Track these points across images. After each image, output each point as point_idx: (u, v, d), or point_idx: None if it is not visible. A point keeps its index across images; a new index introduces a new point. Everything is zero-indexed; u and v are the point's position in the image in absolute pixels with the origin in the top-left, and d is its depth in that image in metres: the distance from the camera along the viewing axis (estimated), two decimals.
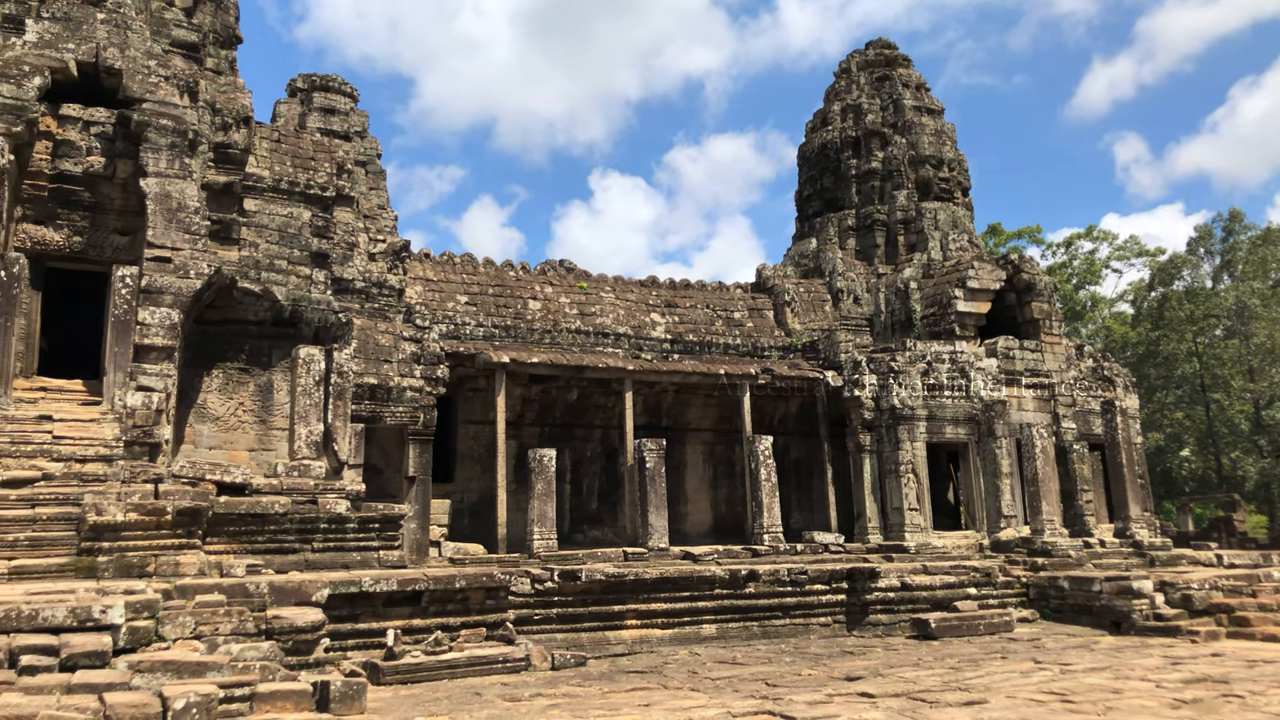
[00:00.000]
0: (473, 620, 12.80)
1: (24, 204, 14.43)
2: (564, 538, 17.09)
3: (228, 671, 8.26)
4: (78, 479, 11.61)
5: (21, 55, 14.42)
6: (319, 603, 11.07)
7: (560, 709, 9.78)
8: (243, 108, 16.67)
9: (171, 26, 16.60)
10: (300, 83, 23.08)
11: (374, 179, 22.86)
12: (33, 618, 8.21)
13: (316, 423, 14.47)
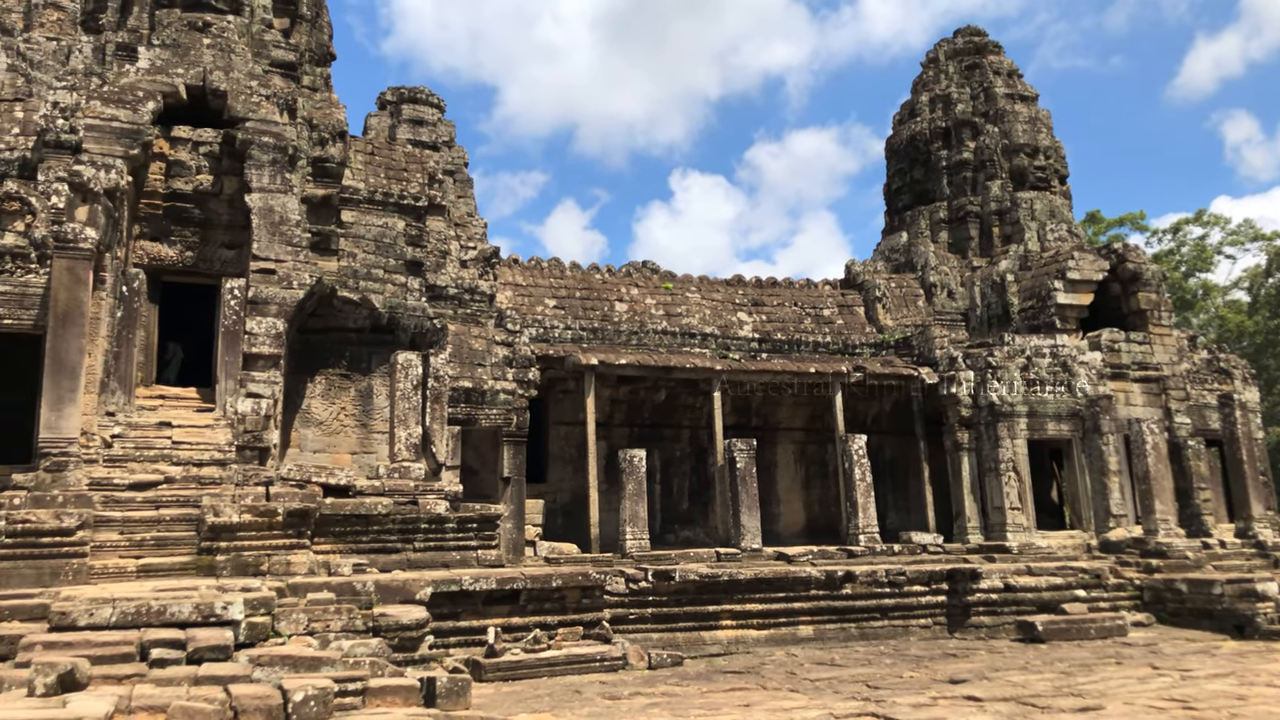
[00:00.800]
0: (570, 619, 12.96)
1: (141, 222, 15.20)
2: (655, 538, 17.13)
3: (340, 667, 8.55)
4: (196, 482, 12.17)
5: (136, 82, 15.19)
6: (422, 601, 11.35)
7: (660, 708, 9.83)
8: (338, 122, 17.23)
9: (271, 47, 17.28)
10: (389, 95, 23.75)
11: (462, 187, 23.37)
12: (161, 613, 8.65)
13: (415, 426, 14.84)
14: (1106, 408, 18.55)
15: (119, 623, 8.52)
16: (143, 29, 16.94)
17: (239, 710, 6.98)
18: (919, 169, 24.35)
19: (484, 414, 15.80)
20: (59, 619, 8.37)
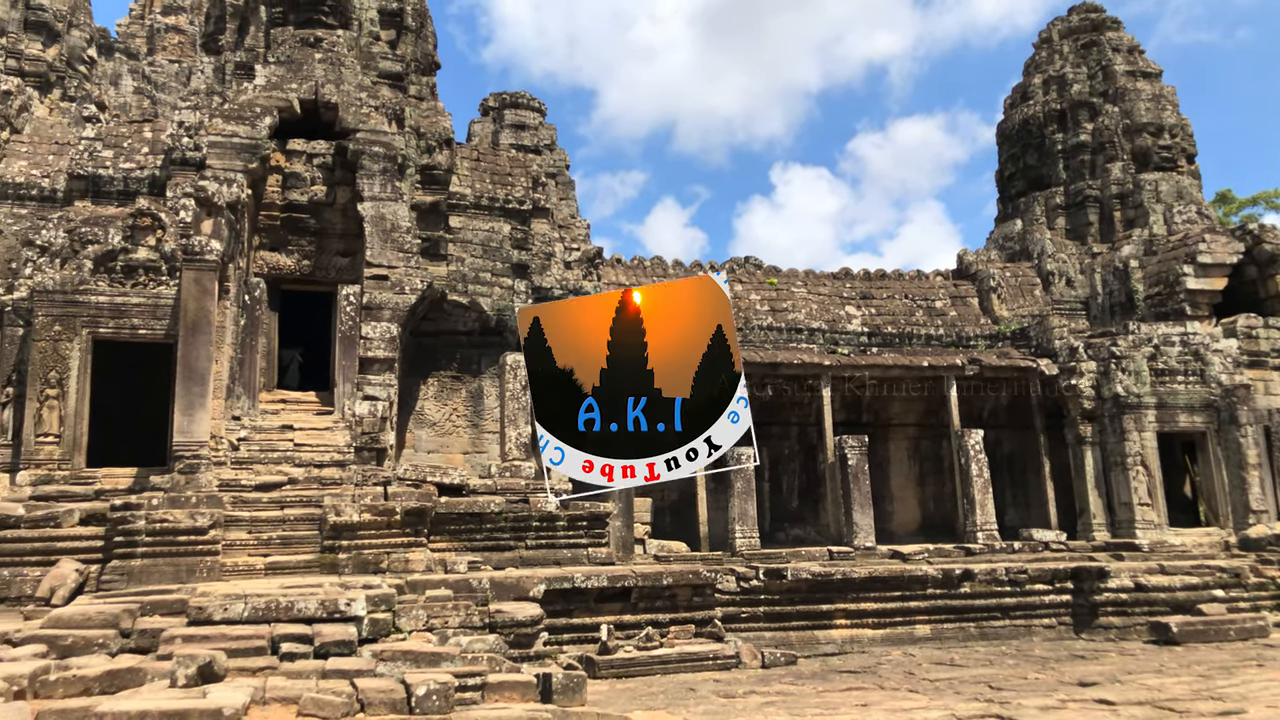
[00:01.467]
0: (681, 617, 12.90)
1: (260, 233, 15.83)
2: (765, 536, 16.91)
3: (459, 662, 8.68)
4: (317, 482, 12.60)
5: (253, 98, 15.82)
6: (535, 598, 11.47)
7: (776, 706, 9.68)
8: (444, 130, 17.60)
9: (378, 59, 17.78)
10: (492, 101, 24.19)
11: (564, 189, 23.62)
12: (289, 609, 8.96)
13: (525, 425, 15.01)
14: (1244, 398, 17.43)
15: (250, 618, 8.86)
16: (259, 47, 17.65)
17: (365, 703, 7.15)
18: (1033, 154, 23.39)
19: None
20: (196, 614, 8.75)
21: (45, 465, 12.47)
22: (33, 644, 8.15)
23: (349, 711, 7.04)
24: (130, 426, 14.35)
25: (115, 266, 13.55)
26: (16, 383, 13.00)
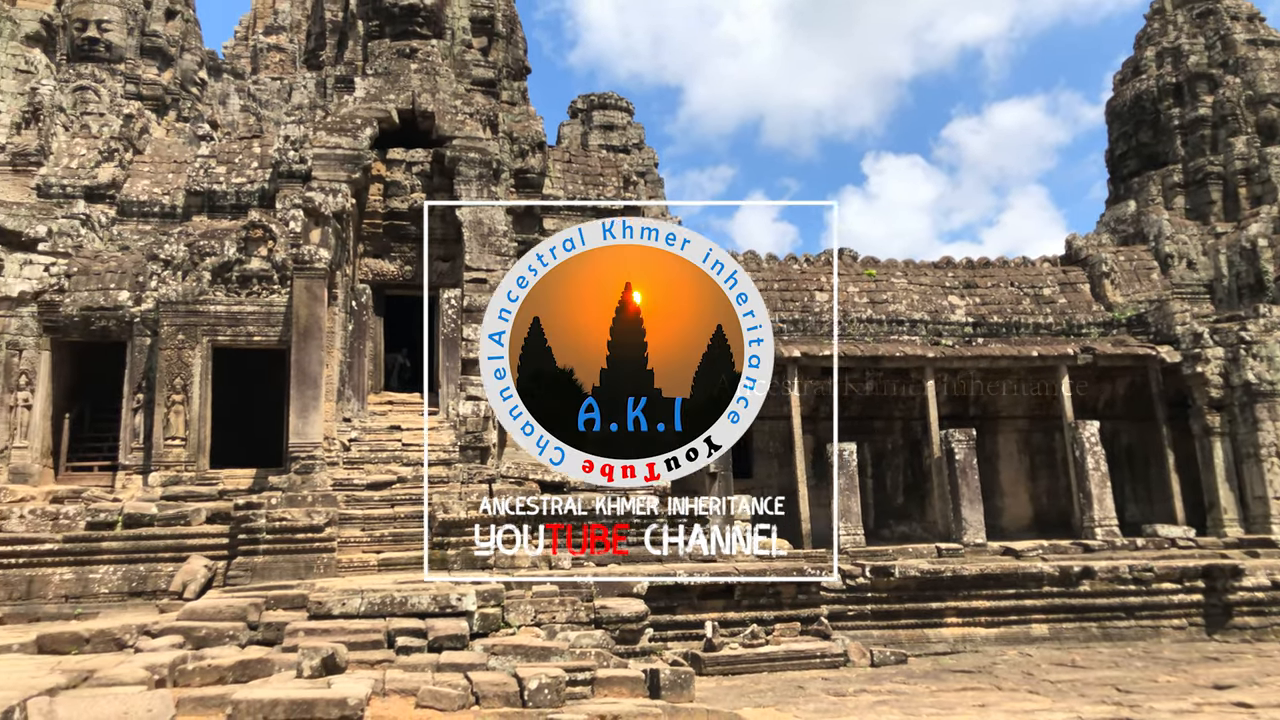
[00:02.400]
0: (786, 614, 12.75)
1: (364, 241, 16.31)
2: (869, 533, 16.55)
3: (568, 657, 8.76)
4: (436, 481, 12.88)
5: (353, 110, 16.30)
6: (639, 594, 11.49)
7: (888, 705, 9.45)
8: (536, 133, 17.84)
9: (471, 67, 18.12)
10: (580, 103, 24.40)
11: (653, 187, 23.64)
12: (403, 604, 9.19)
13: None
14: None
15: (367, 612, 9.12)
16: (357, 61, 18.20)
17: (479, 696, 7.27)
18: (1146, 131, 22.30)
19: None
20: (316, 608, 9.05)
21: (173, 467, 13.09)
22: (169, 635, 8.56)
23: (464, 704, 7.16)
24: (247, 429, 14.95)
25: (231, 277, 14.13)
26: (146, 389, 13.69)
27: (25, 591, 11.16)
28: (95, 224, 15.93)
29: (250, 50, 32.67)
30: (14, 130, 17.04)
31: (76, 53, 20.29)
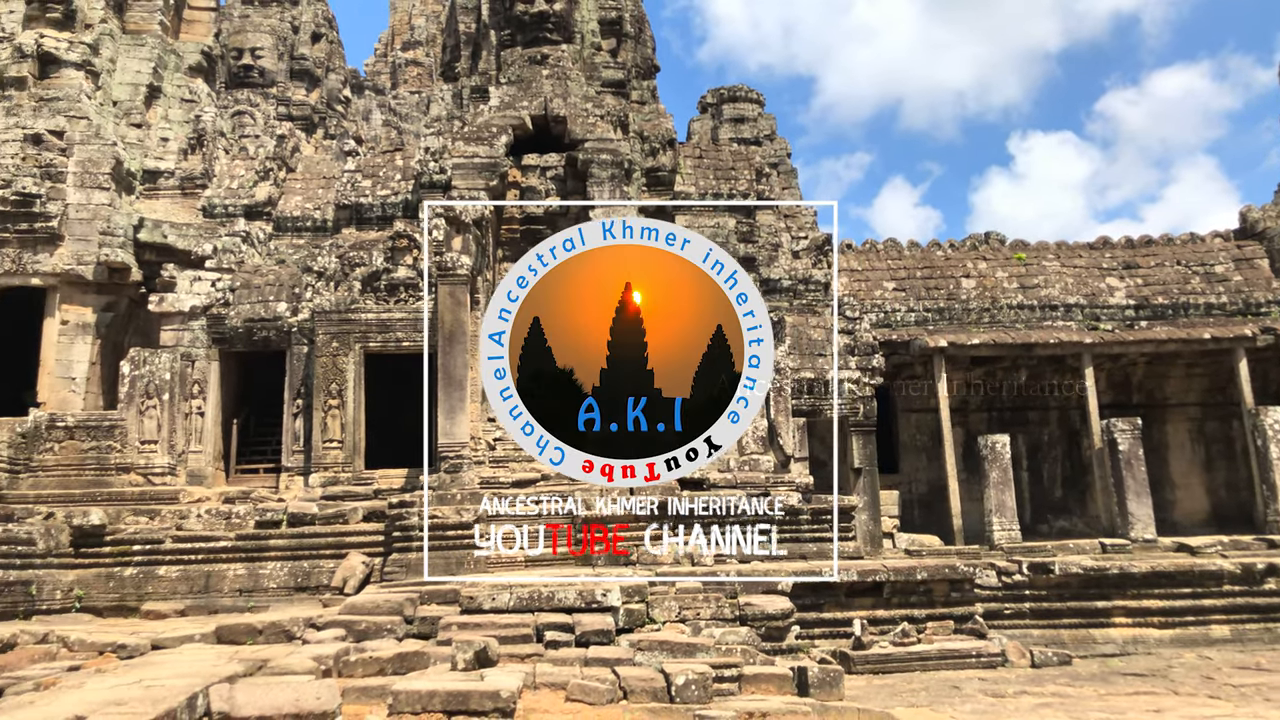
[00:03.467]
0: (938, 613, 12.28)
1: (502, 246, 16.71)
2: (1026, 529, 15.79)
3: (714, 654, 8.69)
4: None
5: (489, 119, 16.73)
6: (784, 592, 11.30)
7: (1052, 709, 8.97)
8: (666, 131, 17.85)
9: (601, 69, 18.30)
10: (709, 98, 24.29)
11: (786, 178, 23.28)
12: (550, 599, 9.34)
13: (760, 419, 14.89)
14: None
15: (516, 607, 9.32)
16: (491, 70, 18.67)
17: (627, 691, 7.29)
18: None
19: (828, 404, 15.50)
20: (467, 603, 9.31)
21: (331, 468, 13.77)
22: (333, 628, 8.98)
23: (612, 698, 7.20)
24: (398, 430, 15.56)
25: (379, 285, 14.74)
26: (304, 395, 14.45)
27: (204, 585, 11.96)
28: (254, 240, 16.93)
29: (390, 66, 34.11)
30: (181, 156, 18.32)
31: (233, 79, 21.64)
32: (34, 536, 11.95)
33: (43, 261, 16.07)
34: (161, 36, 19.14)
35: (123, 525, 12.42)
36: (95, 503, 13.62)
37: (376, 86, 31.97)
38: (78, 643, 9.22)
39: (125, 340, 16.96)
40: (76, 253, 16.24)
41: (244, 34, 21.83)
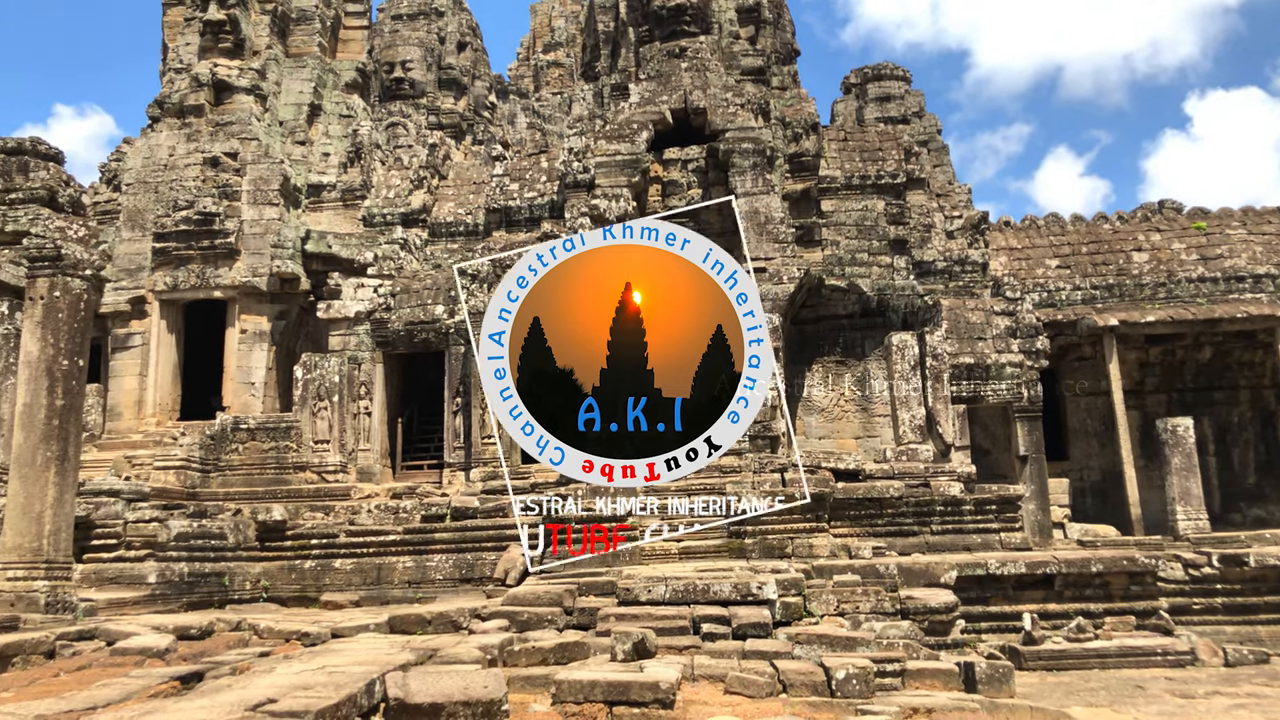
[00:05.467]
0: (1116, 607, 11.55)
1: None
2: (1215, 518, 14.64)
3: (874, 648, 8.44)
4: (718, 470, 13.03)
5: (630, 116, 16.86)
6: (947, 584, 10.88)
7: (1248, 710, 8.28)
8: (809, 115, 17.50)
9: (739, 57, 18.12)
10: (853, 78, 23.65)
11: (937, 156, 22.39)
12: (705, 591, 9.32)
13: (917, 407, 14.41)
14: None
15: (671, 599, 9.34)
16: (630, 67, 18.81)
17: (786, 684, 7.17)
18: None
19: (990, 390, 14.83)
20: (624, 595, 9.41)
21: (490, 463, 14.23)
22: (496, 619, 9.27)
23: (771, 691, 7.10)
24: None
25: None
26: (463, 393, 14.99)
27: (376, 577, 12.59)
28: (412, 246, 17.68)
29: (532, 69, 34.92)
30: (341, 169, 19.33)
31: (386, 92, 22.66)
32: (225, 531, 12.89)
33: (223, 275, 17.32)
34: (320, 57, 20.25)
35: (301, 520, 13.23)
36: (276, 499, 14.59)
37: (520, 90, 32.80)
38: (266, 630, 9.88)
39: (297, 346, 18.07)
40: (252, 265, 17.41)
41: (394, 48, 22.82)
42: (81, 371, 10.25)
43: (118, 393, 17.24)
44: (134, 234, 17.69)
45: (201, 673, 6.98)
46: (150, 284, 17.39)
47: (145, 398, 17.15)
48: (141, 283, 17.40)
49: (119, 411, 17.14)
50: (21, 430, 9.75)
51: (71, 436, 10.02)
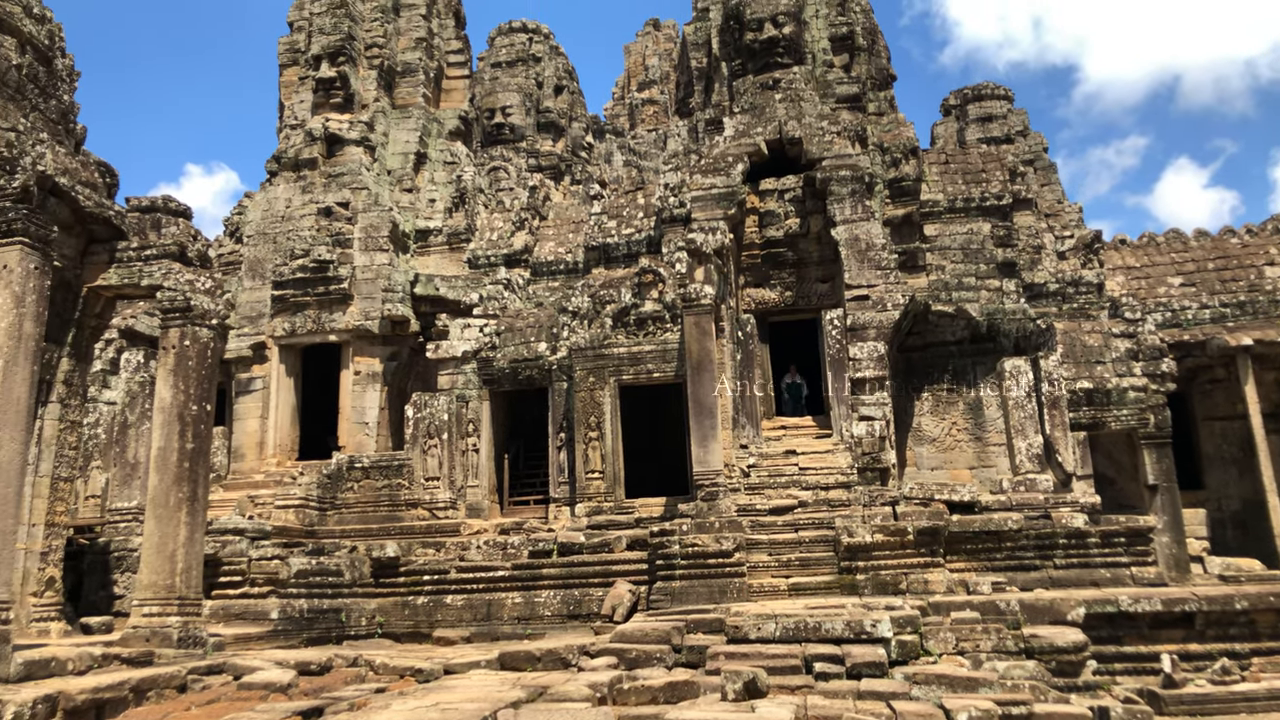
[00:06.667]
0: (1264, 647, 10.76)
1: (744, 272, 16.72)
2: None
3: (998, 689, 8.05)
4: (826, 504, 12.76)
5: (724, 150, 16.87)
6: (1074, 622, 10.34)
7: None
8: (908, 140, 17.18)
9: (834, 85, 17.97)
10: (952, 100, 23.18)
11: (1044, 174, 21.70)
12: (816, 629, 9.08)
13: (1034, 435, 13.83)
14: None
15: (781, 637, 9.13)
16: (724, 102, 18.87)
17: None
18: None
19: (1111, 415, 14.12)
20: (733, 632, 9.24)
21: (594, 498, 14.27)
22: (605, 656, 9.23)
23: None
24: (654, 459, 15.92)
25: (629, 320, 15.19)
26: (566, 428, 15.12)
27: (486, 613, 12.72)
28: (514, 286, 18.04)
29: (627, 108, 35.45)
30: (446, 214, 19.92)
31: (487, 137, 23.32)
32: (341, 568, 13.25)
33: (337, 319, 17.99)
34: (424, 107, 20.99)
35: (413, 557, 13.51)
36: (389, 536, 14.94)
37: (615, 129, 33.31)
38: (381, 666, 10.07)
39: (408, 385, 18.60)
40: (364, 309, 18.04)
41: (494, 94, 23.50)
42: (209, 416, 10.75)
43: (241, 434, 18.03)
44: (255, 283, 18.58)
45: (321, 708, 7.15)
46: (270, 330, 18.20)
47: (266, 439, 17.88)
48: (262, 329, 18.23)
49: (242, 452, 17.91)
50: (156, 473, 10.26)
51: (200, 478, 10.49)
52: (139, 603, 10.00)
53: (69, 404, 11.51)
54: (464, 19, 22.84)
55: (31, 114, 11.69)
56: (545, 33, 26.20)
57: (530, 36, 25.67)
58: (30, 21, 11.81)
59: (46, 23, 12.23)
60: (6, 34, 11.47)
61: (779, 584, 11.60)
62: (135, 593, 10.25)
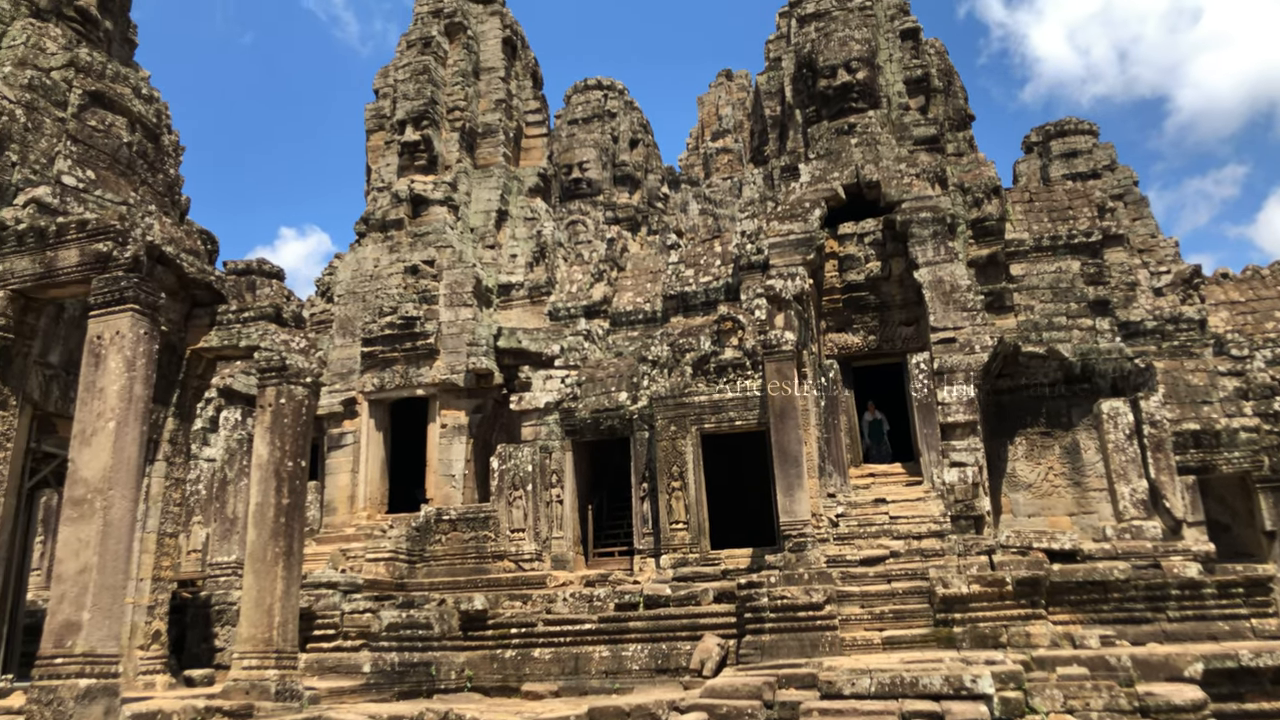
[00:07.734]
0: None
1: (825, 317, 16.57)
2: None
3: None
4: (918, 554, 12.40)
5: (801, 196, 16.85)
6: (1193, 679, 9.79)
7: None
8: (989, 179, 16.90)
9: (911, 128, 17.84)
10: (1034, 136, 22.79)
11: (1135, 209, 21.07)
12: (913, 684, 8.76)
13: (1138, 479, 13.26)
14: None
15: (877, 693, 8.84)
16: (799, 148, 18.91)
17: None
18: None
19: (1222, 458, 13.47)
20: (826, 688, 8.99)
21: (679, 549, 14.14)
22: (695, 712, 9.08)
23: None
24: (739, 508, 15.73)
25: (709, 368, 15.15)
26: (649, 478, 15.07)
27: (573, 666, 12.65)
28: (594, 337, 18.21)
29: (701, 158, 35.80)
30: (527, 269, 20.29)
31: (565, 192, 23.77)
32: (431, 621, 13.37)
33: (424, 374, 18.39)
34: (505, 166, 21.54)
35: (501, 609, 13.56)
36: (476, 588, 15.03)
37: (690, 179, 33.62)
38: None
39: (492, 437, 18.83)
40: (450, 364, 18.41)
41: (571, 151, 24.00)
42: (303, 471, 11.04)
43: (333, 488, 18.47)
44: (345, 340, 19.15)
45: None
46: (360, 385, 18.69)
47: (357, 493, 18.27)
48: (352, 385, 18.74)
49: (334, 506, 18.32)
50: (254, 528, 10.56)
51: (296, 533, 10.75)
52: (238, 655, 10.23)
53: (174, 462, 11.97)
54: (541, 79, 23.48)
55: (141, 188, 12.36)
56: (620, 88, 26.74)
57: (605, 93, 26.23)
58: (139, 102, 12.54)
59: (154, 102, 12.97)
60: (118, 114, 12.20)
61: (872, 637, 11.27)
62: (234, 645, 10.49)
